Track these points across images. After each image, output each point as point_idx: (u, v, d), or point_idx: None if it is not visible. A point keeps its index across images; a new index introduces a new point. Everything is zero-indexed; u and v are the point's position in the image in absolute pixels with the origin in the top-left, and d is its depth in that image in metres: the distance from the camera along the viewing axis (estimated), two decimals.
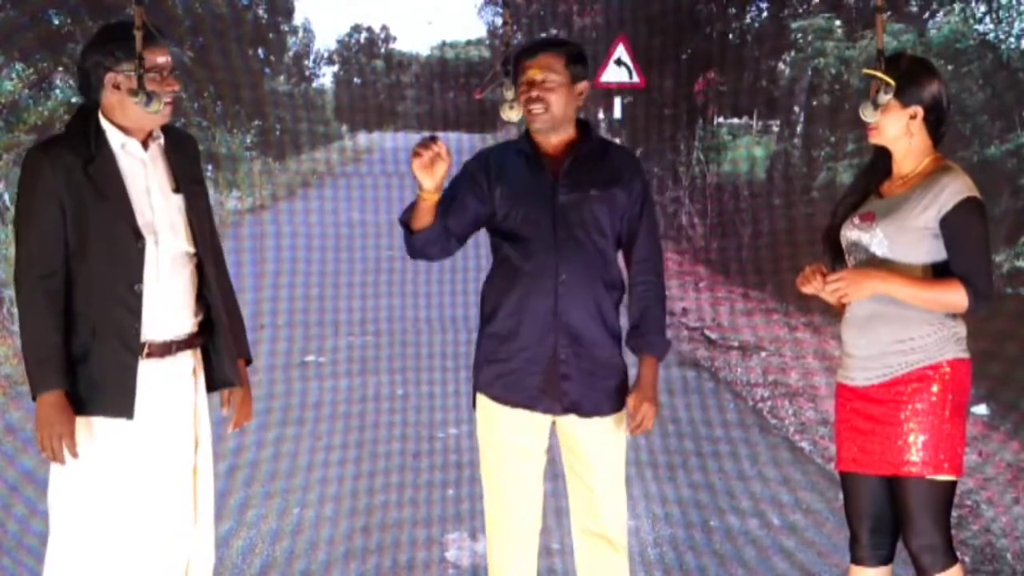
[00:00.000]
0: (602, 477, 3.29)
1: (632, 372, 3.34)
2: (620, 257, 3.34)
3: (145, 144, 3.01)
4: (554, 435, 3.33)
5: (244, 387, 3.20)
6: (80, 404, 2.90)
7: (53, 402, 2.85)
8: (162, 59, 2.95)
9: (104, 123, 2.96)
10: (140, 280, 2.92)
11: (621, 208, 3.24)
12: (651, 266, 3.29)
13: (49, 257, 2.89)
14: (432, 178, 3.02)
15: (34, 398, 2.89)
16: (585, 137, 3.27)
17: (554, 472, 3.41)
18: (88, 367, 2.90)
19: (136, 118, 2.96)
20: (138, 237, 2.92)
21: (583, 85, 3.22)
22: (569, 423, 3.26)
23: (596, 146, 3.28)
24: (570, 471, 3.33)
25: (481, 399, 3.29)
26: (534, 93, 3.15)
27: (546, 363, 3.20)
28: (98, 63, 2.94)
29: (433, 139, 3.02)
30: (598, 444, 3.28)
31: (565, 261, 3.18)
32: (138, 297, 2.92)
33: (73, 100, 7.93)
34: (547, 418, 3.26)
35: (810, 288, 3.10)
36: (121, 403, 2.91)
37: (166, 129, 3.06)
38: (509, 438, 3.25)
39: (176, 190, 3.03)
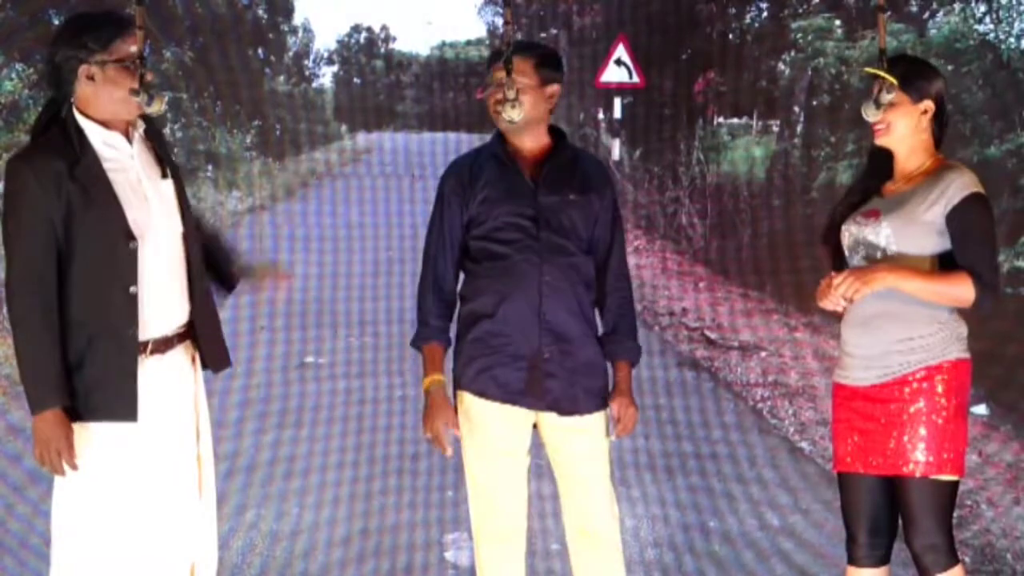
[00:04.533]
0: (586, 476, 3.32)
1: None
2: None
3: (127, 136, 2.95)
4: None
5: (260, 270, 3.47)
6: (79, 412, 2.85)
7: (50, 419, 2.81)
8: (135, 48, 2.87)
9: (82, 120, 2.90)
10: (134, 282, 2.88)
11: (594, 214, 3.30)
12: (624, 273, 3.38)
13: (40, 272, 2.81)
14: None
15: (33, 414, 2.85)
16: (560, 144, 3.33)
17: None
18: (86, 373, 2.85)
19: (114, 110, 2.90)
20: (129, 238, 2.87)
21: (553, 88, 3.27)
22: (550, 423, 3.29)
23: (570, 153, 3.34)
24: (558, 471, 3.36)
25: (463, 398, 3.30)
26: (500, 95, 3.18)
27: (531, 361, 3.23)
28: (70, 56, 2.84)
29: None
30: (580, 443, 3.30)
31: (548, 262, 3.22)
32: (133, 299, 2.88)
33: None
34: (529, 416, 3.28)
35: (830, 303, 3.08)
36: (123, 407, 2.87)
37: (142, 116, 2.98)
38: (492, 437, 3.27)
39: (164, 175, 2.99)
